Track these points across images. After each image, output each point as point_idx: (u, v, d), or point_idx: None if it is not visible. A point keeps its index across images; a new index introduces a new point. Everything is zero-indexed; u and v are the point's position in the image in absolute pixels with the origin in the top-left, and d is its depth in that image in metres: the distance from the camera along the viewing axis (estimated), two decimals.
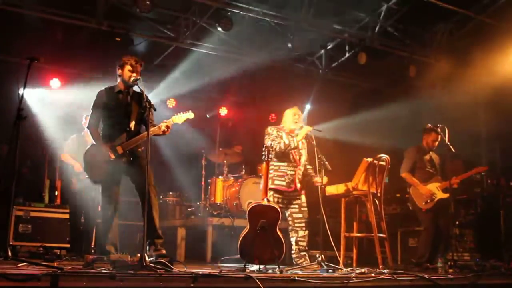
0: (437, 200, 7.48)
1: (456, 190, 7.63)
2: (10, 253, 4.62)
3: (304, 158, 6.91)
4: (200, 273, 4.29)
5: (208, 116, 11.45)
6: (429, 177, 7.71)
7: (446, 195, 7.46)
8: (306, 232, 6.75)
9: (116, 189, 5.98)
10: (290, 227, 6.79)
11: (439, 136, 7.63)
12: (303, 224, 6.73)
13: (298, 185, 6.77)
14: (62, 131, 9.45)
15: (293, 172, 6.73)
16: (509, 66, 9.56)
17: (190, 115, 6.12)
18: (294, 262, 6.69)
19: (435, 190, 7.53)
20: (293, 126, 6.88)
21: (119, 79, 6.02)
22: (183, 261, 8.14)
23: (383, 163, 6.96)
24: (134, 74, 5.82)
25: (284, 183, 6.68)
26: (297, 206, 6.75)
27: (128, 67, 5.91)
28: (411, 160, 7.77)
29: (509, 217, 8.69)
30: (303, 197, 6.83)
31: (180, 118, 6.06)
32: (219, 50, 10.30)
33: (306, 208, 6.81)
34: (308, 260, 6.68)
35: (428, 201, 7.50)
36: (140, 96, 5.88)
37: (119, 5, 9.03)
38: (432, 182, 7.62)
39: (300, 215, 6.73)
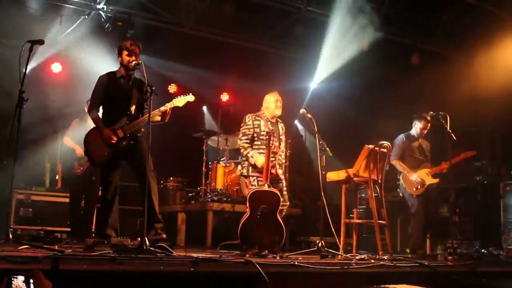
0: (427, 185, 7.56)
1: (452, 177, 7.68)
2: (11, 236, 4.64)
3: (283, 144, 6.91)
4: (200, 257, 4.31)
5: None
6: (418, 164, 7.79)
7: (435, 181, 7.60)
8: (283, 214, 6.77)
9: (116, 173, 6.01)
10: None
11: (429, 125, 7.74)
12: (284, 208, 6.75)
13: (279, 171, 6.76)
14: (64, 114, 9.45)
15: (273, 158, 6.69)
16: None
17: (190, 97, 6.13)
18: None
19: (425, 176, 7.61)
20: (277, 112, 6.88)
21: (120, 65, 6.03)
22: (183, 246, 8.17)
23: (384, 150, 6.96)
24: (133, 58, 5.82)
25: None
26: (278, 189, 6.75)
27: (125, 52, 5.91)
28: (400, 148, 7.84)
29: (509, 206, 8.70)
30: (284, 182, 6.84)
31: (181, 100, 6.06)
32: (221, 35, 10.25)
33: (286, 193, 6.83)
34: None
35: (419, 187, 7.57)
36: (140, 82, 5.92)
37: None
38: (421, 169, 7.71)
39: (281, 199, 6.75)
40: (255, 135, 6.74)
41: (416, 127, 7.90)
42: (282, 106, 6.96)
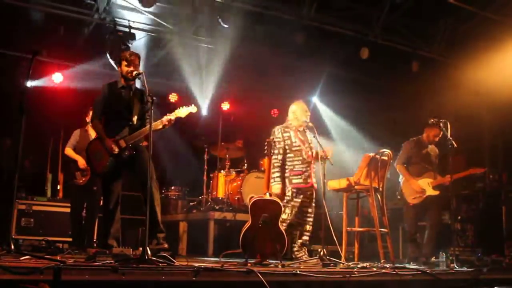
0: (426, 196, 7.50)
1: (456, 186, 7.64)
2: (12, 247, 4.64)
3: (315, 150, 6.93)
4: (202, 267, 4.30)
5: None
6: (422, 172, 7.69)
7: (436, 192, 7.48)
8: (311, 227, 6.83)
9: (118, 183, 6.01)
10: (296, 220, 6.82)
11: (441, 132, 7.62)
12: (310, 219, 6.82)
13: (313, 180, 6.85)
14: (66, 125, 9.47)
15: (308, 169, 6.78)
16: None
17: (193, 109, 6.13)
18: (293, 255, 6.73)
19: (426, 186, 7.53)
20: (304, 119, 6.89)
21: (120, 76, 6.05)
22: (185, 255, 8.16)
23: (385, 158, 6.96)
24: (132, 68, 5.84)
25: (301, 180, 6.74)
26: (309, 200, 6.82)
27: (124, 62, 5.93)
28: (407, 153, 7.79)
29: (511, 213, 8.69)
30: (314, 193, 6.91)
31: (183, 112, 6.06)
32: (221, 44, 10.27)
33: (314, 204, 6.92)
34: (307, 254, 6.75)
35: (417, 196, 7.52)
36: (141, 93, 5.95)
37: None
38: (424, 178, 7.62)
39: (310, 210, 6.84)
40: (286, 147, 6.80)
41: (428, 134, 7.82)
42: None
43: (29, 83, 5.36)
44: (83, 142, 7.70)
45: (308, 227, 6.83)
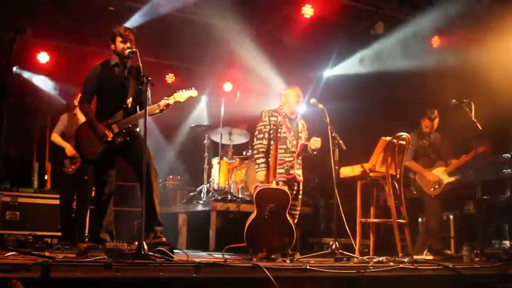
0: (445, 185, 7.79)
1: (477, 171, 7.70)
2: None
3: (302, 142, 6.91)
4: (203, 262, 4.30)
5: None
6: (432, 163, 8.07)
7: (452, 179, 7.85)
8: (296, 220, 6.81)
9: (111, 172, 5.99)
10: None
11: (434, 121, 8.01)
12: (296, 212, 6.80)
13: (297, 172, 6.81)
14: (52, 109, 9.46)
15: (291, 159, 6.74)
16: None
17: (193, 92, 6.07)
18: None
19: (441, 174, 7.88)
20: (297, 108, 6.89)
21: (114, 53, 6.01)
22: (184, 249, 8.18)
23: (403, 142, 6.92)
24: (128, 45, 5.81)
25: (283, 170, 6.69)
26: (294, 192, 6.77)
27: (118, 38, 5.90)
28: (413, 147, 7.90)
29: None
30: (300, 185, 6.89)
31: (182, 95, 6.00)
32: (223, 21, 10.21)
33: (301, 197, 6.92)
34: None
35: (436, 186, 7.83)
36: (137, 70, 5.86)
37: None
38: (436, 167, 7.97)
39: (296, 203, 6.78)
40: (271, 132, 6.76)
41: (425, 125, 8.15)
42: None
43: (12, 64, 5.31)
44: (71, 127, 7.67)
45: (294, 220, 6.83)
